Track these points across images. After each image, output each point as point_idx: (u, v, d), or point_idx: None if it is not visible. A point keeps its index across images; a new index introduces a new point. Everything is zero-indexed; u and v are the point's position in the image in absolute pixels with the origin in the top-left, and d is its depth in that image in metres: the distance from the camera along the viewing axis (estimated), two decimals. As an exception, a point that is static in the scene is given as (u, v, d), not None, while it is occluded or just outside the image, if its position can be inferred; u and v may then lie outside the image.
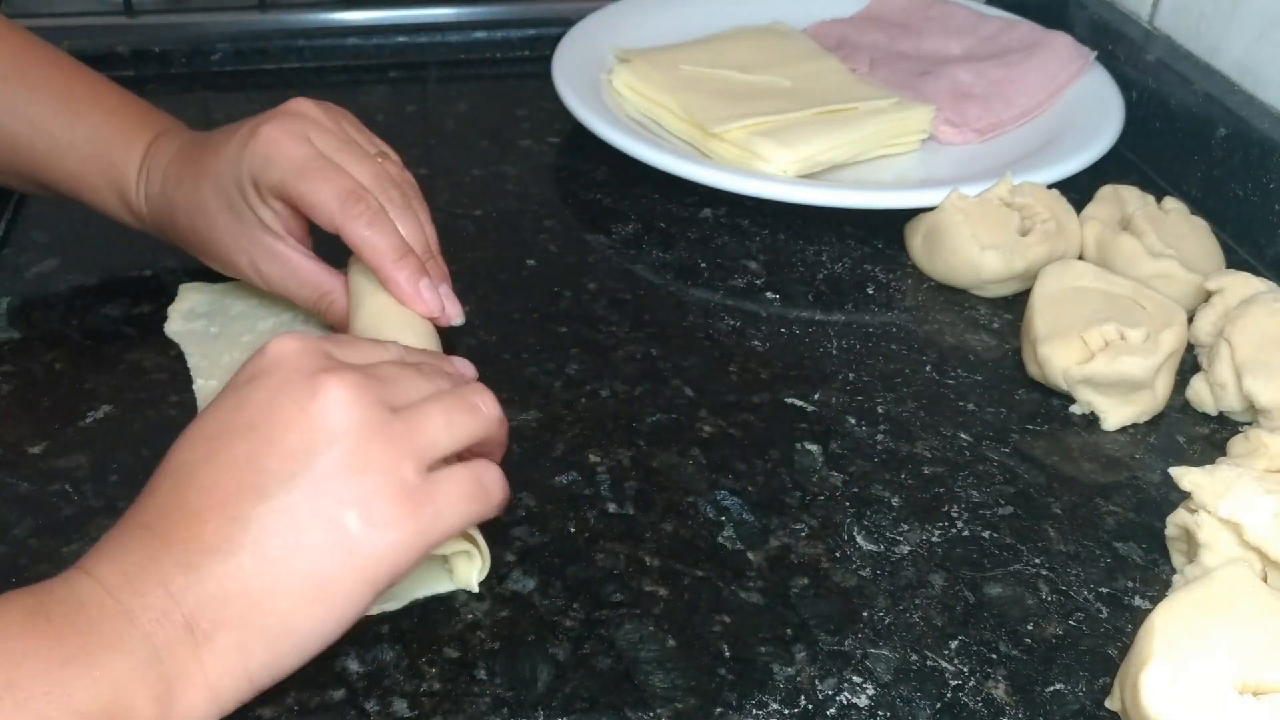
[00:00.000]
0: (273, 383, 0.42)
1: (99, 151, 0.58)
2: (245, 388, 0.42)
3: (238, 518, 0.39)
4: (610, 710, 0.44)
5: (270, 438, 0.40)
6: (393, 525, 0.41)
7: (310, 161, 0.53)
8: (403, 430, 0.42)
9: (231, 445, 0.41)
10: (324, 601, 0.40)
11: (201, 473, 0.40)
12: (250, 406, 0.41)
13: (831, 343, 0.65)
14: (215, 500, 0.40)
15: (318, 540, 0.40)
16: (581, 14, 0.92)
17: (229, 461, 0.40)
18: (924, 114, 0.81)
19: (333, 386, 0.41)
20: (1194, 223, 0.70)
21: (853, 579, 0.50)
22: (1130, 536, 0.53)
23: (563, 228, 0.74)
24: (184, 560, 0.39)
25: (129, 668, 0.37)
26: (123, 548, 0.40)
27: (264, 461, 0.40)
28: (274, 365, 0.42)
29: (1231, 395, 0.59)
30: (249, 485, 0.40)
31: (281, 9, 0.96)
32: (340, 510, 0.40)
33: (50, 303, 0.65)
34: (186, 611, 0.38)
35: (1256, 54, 0.77)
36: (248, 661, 0.39)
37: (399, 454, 0.41)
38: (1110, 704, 0.45)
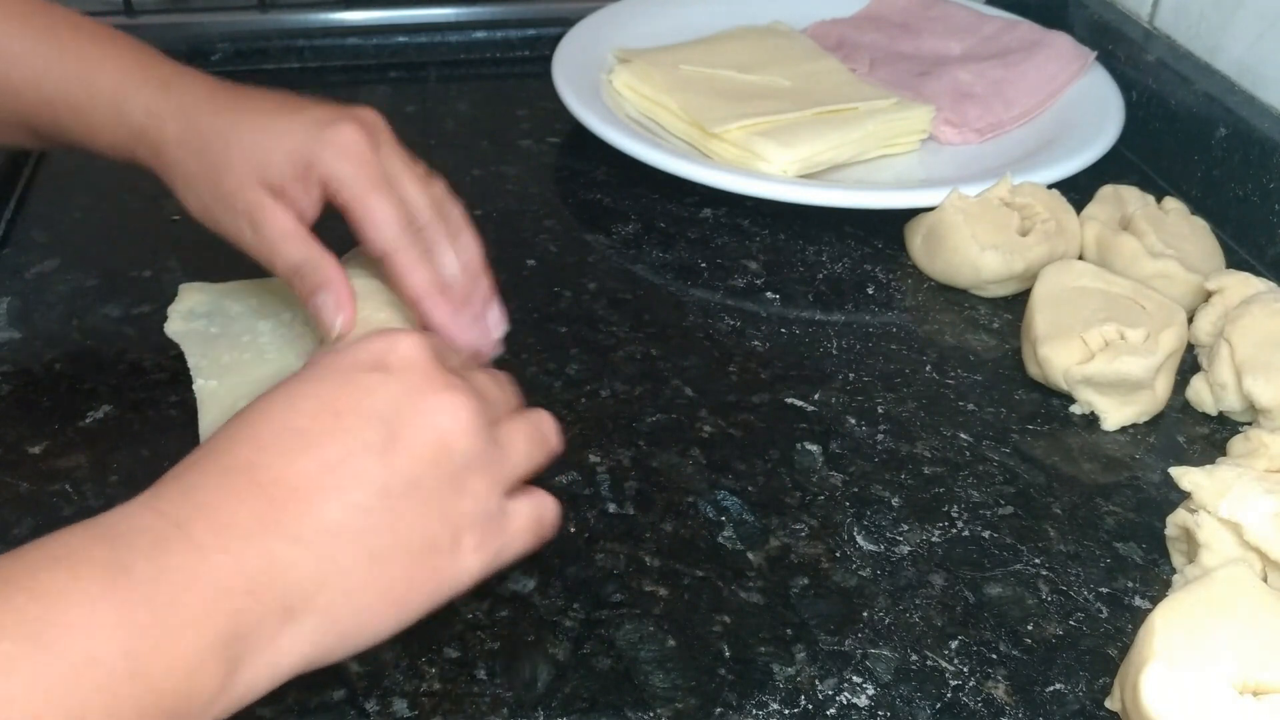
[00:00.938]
0: (402, 380, 0.41)
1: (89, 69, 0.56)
2: (372, 375, 0.42)
3: (360, 506, 0.39)
4: (610, 710, 0.44)
5: (399, 436, 0.40)
6: (472, 552, 0.41)
7: (380, 179, 0.53)
8: (498, 459, 0.43)
9: (361, 428, 0.40)
10: (400, 607, 0.40)
11: (325, 448, 0.39)
12: (380, 396, 0.41)
13: (831, 343, 0.65)
14: (339, 479, 0.39)
15: (415, 549, 0.40)
16: (581, 14, 0.92)
17: (357, 446, 0.39)
18: (924, 114, 0.81)
19: (459, 406, 0.41)
20: (1194, 223, 0.70)
21: (853, 579, 0.50)
22: (1130, 536, 0.53)
23: (563, 228, 0.74)
24: (295, 534, 0.38)
25: (211, 643, 0.35)
26: (219, 495, 0.38)
27: (391, 458, 0.40)
28: (401, 362, 0.42)
29: (1231, 395, 0.59)
30: (375, 476, 0.39)
31: (281, 9, 0.96)
32: (440, 528, 0.40)
33: (50, 303, 0.65)
34: (286, 589, 0.37)
35: (1256, 54, 0.77)
36: (318, 646, 0.38)
37: (493, 483, 0.42)
38: (1110, 704, 0.45)
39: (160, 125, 0.55)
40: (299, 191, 0.54)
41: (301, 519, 0.38)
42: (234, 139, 0.54)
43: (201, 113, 0.55)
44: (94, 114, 0.56)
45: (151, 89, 0.56)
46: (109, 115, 0.56)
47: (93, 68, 0.56)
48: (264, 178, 0.53)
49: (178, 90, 0.56)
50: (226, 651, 0.36)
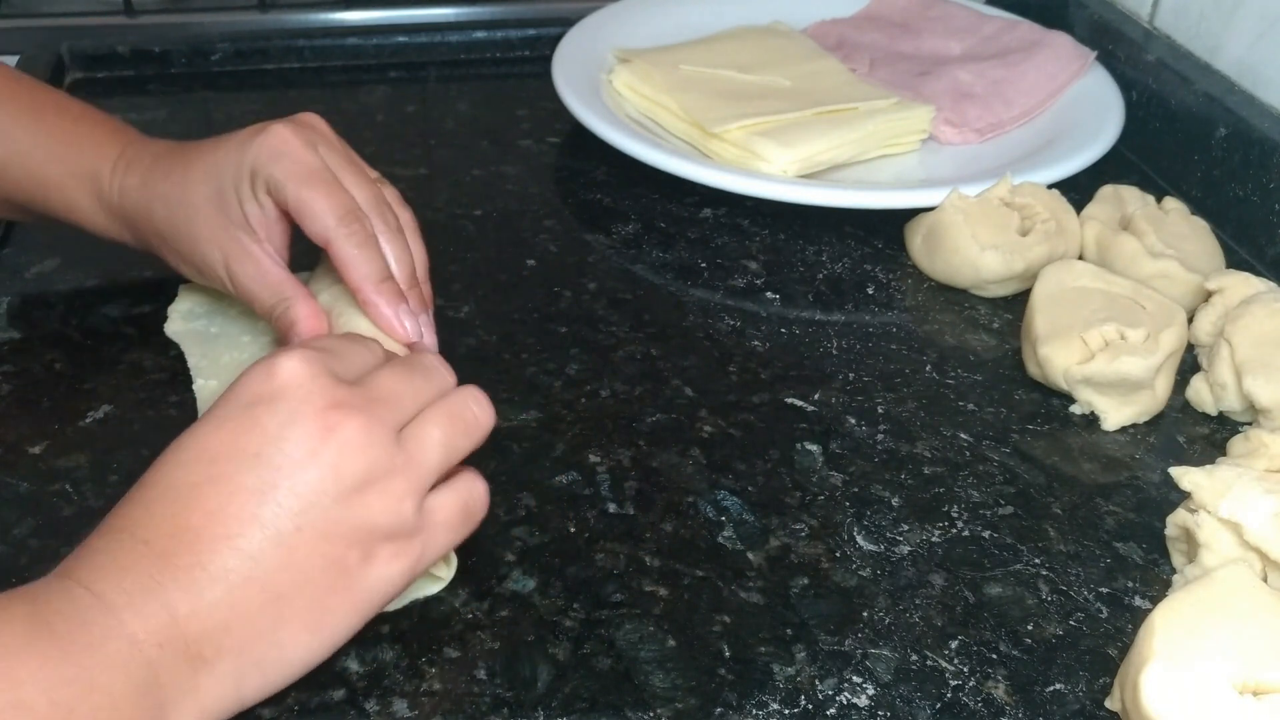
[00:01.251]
0: (282, 413, 0.41)
1: (68, 149, 0.58)
2: (253, 410, 0.42)
3: (245, 551, 0.39)
4: (610, 710, 0.44)
5: (280, 471, 0.40)
6: (390, 561, 0.42)
7: (317, 172, 0.53)
8: (405, 466, 0.43)
9: (239, 473, 0.40)
10: (321, 631, 0.41)
11: (206, 495, 0.40)
12: (257, 434, 0.41)
13: (831, 343, 0.65)
14: (222, 528, 0.40)
15: (320, 576, 0.41)
16: (581, 14, 0.92)
17: (237, 490, 0.40)
18: (924, 114, 0.81)
19: (345, 425, 0.41)
20: (1194, 223, 0.70)
21: (853, 579, 0.50)
22: (1130, 536, 0.53)
23: (563, 228, 0.74)
24: (190, 587, 0.39)
25: (128, 689, 0.37)
26: (120, 563, 0.39)
27: (273, 495, 0.40)
28: (282, 392, 0.42)
29: (1231, 395, 0.59)
30: (257, 517, 0.40)
31: (281, 9, 0.96)
32: (345, 550, 0.41)
33: (50, 303, 0.65)
34: (190, 638, 0.38)
35: (1256, 54, 0.77)
36: (241, 686, 0.40)
37: (402, 492, 0.42)
38: (1110, 704, 0.45)
39: (132, 204, 0.57)
40: (256, 212, 0.54)
41: (192, 572, 0.39)
42: (190, 189, 0.55)
43: (157, 180, 0.56)
44: (76, 198, 0.58)
45: (122, 168, 0.57)
46: (89, 199, 0.58)
47: (71, 149, 0.58)
48: (228, 215, 0.55)
49: (138, 164, 0.57)
50: (147, 700, 0.37)
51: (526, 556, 0.50)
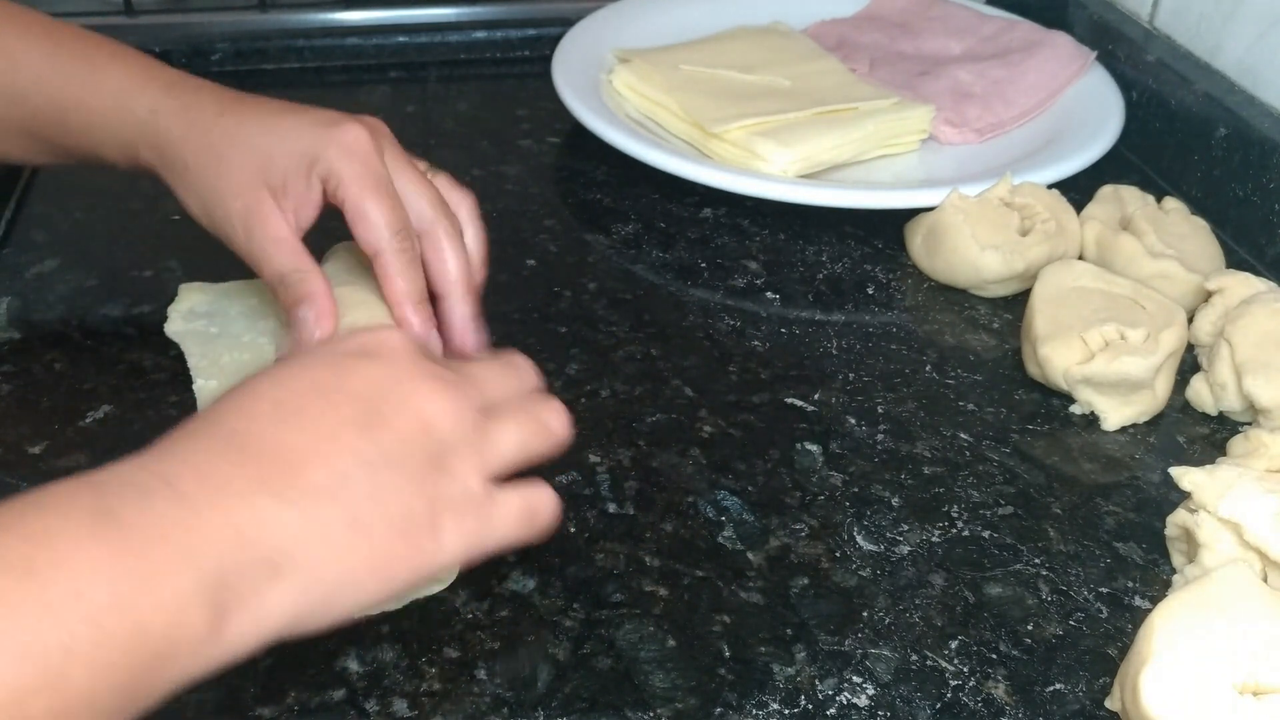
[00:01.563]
0: (385, 366, 0.43)
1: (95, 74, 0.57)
2: (356, 359, 0.43)
3: (343, 473, 0.40)
4: (610, 710, 0.44)
5: (381, 414, 0.41)
6: (448, 534, 0.42)
7: (382, 182, 0.53)
8: (482, 445, 0.43)
9: (344, 404, 0.41)
10: (382, 577, 0.41)
11: (309, 416, 0.40)
12: (362, 378, 0.42)
13: (831, 343, 0.65)
14: (323, 448, 0.40)
15: (396, 519, 0.40)
16: (581, 14, 0.92)
17: (341, 419, 0.41)
18: (924, 114, 0.81)
19: (441, 390, 0.43)
20: (1194, 223, 0.70)
21: (853, 579, 0.50)
22: (1130, 536, 0.53)
23: (563, 228, 0.74)
24: (280, 493, 0.38)
25: (197, 587, 0.36)
26: (208, 458, 0.39)
27: (371, 432, 0.41)
28: (387, 351, 0.43)
29: (1231, 395, 0.59)
30: (357, 449, 0.40)
31: (281, 9, 0.96)
32: (419, 504, 0.41)
33: (50, 303, 0.65)
34: (271, 544, 0.38)
35: (1256, 54, 0.77)
36: (302, 606, 0.39)
37: (475, 466, 0.43)
38: (1110, 704, 0.45)
39: (165, 124, 0.56)
40: (300, 189, 0.54)
41: (286, 480, 0.39)
42: (239, 138, 0.54)
43: (206, 113, 0.55)
44: (98, 113, 0.56)
45: (156, 89, 0.56)
46: (113, 114, 0.56)
47: (97, 69, 0.57)
48: (266, 177, 0.54)
49: (182, 90, 0.56)
50: (213, 597, 0.36)
51: (526, 556, 0.50)
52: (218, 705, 0.43)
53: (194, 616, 0.35)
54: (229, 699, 0.44)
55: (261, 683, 0.44)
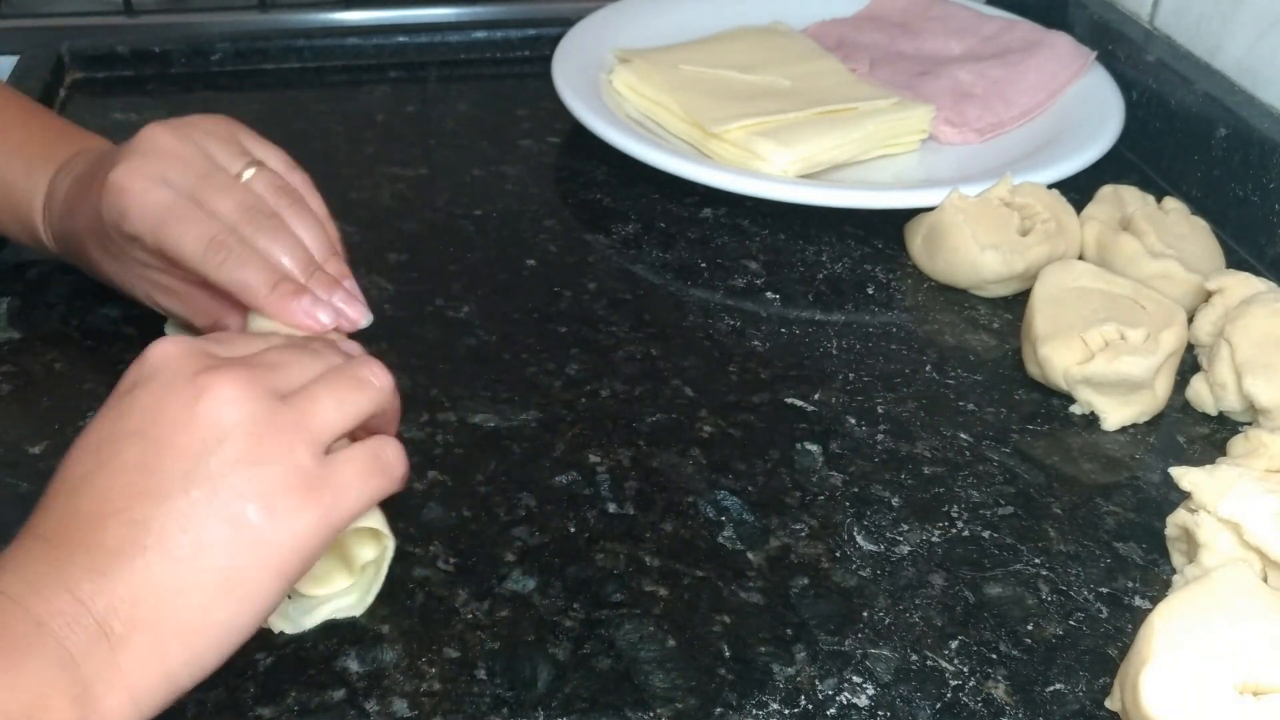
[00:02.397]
0: (155, 388, 0.41)
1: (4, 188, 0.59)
2: (128, 396, 0.42)
3: (138, 521, 0.39)
4: (610, 710, 0.44)
5: (159, 441, 0.40)
6: (295, 513, 0.40)
7: (167, 210, 0.51)
8: (293, 417, 0.42)
9: (120, 453, 0.40)
10: (236, 595, 0.39)
11: (93, 483, 0.40)
12: (135, 413, 0.41)
13: (831, 343, 0.65)
14: (112, 506, 0.39)
15: (221, 535, 0.39)
16: (581, 14, 0.92)
17: (120, 469, 0.40)
18: (924, 114, 0.81)
19: (217, 383, 0.41)
20: (1194, 223, 0.70)
21: (853, 579, 0.50)
22: (1130, 536, 0.53)
23: (563, 228, 0.74)
24: (89, 565, 0.38)
25: (44, 668, 0.36)
26: (21, 560, 0.39)
27: (156, 464, 0.40)
28: (155, 371, 0.42)
29: (1231, 395, 0.59)
30: (144, 489, 0.39)
31: (281, 9, 0.96)
32: (241, 504, 0.40)
33: (50, 303, 0.65)
34: (98, 615, 0.37)
35: (1256, 54, 0.77)
36: (166, 661, 0.38)
37: (292, 442, 0.41)
38: (1110, 704, 0.45)
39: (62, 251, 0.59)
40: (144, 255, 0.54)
41: (89, 551, 0.38)
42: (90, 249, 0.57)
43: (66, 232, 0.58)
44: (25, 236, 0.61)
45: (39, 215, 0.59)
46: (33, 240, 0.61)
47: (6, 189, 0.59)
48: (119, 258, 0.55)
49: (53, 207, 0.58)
50: (68, 677, 0.36)
51: (526, 556, 0.50)
52: (218, 705, 0.43)
53: (54, 696, 0.36)
54: (229, 699, 0.44)
55: (261, 683, 0.44)
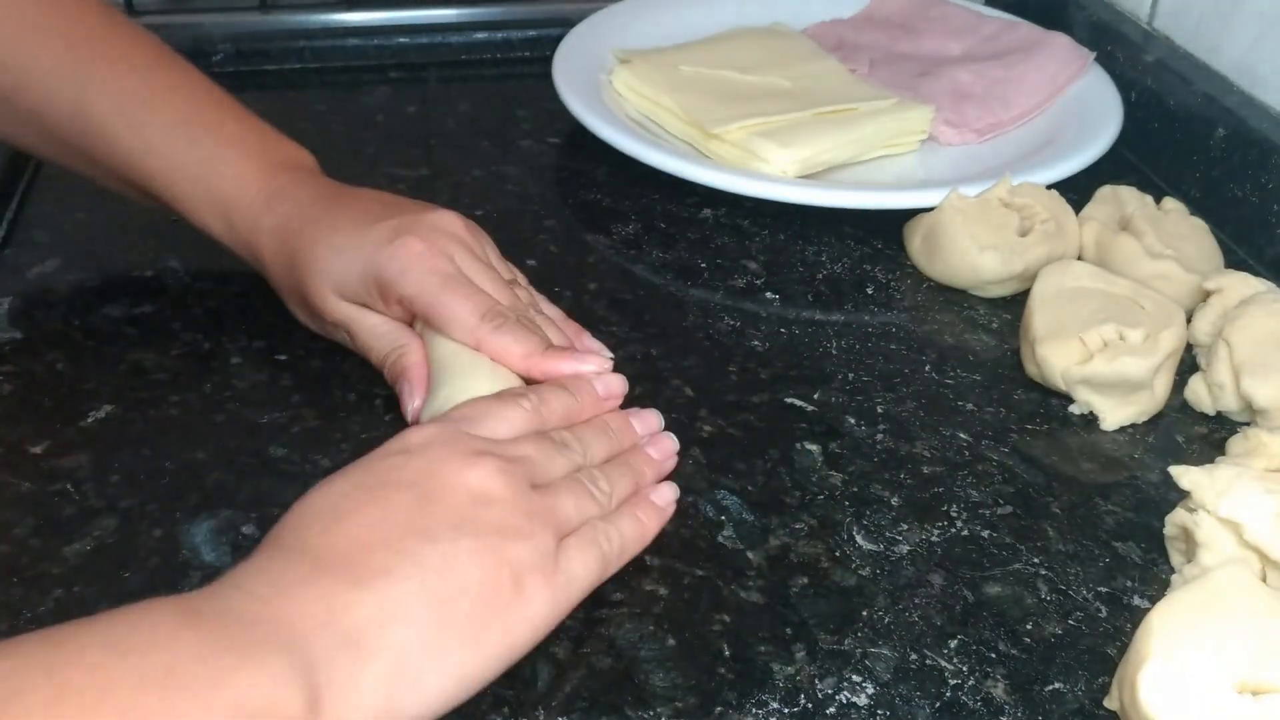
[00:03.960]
0: (429, 456, 0.44)
1: (212, 179, 0.58)
2: (397, 457, 0.44)
3: (405, 551, 0.40)
4: (610, 709, 0.44)
5: (431, 495, 0.42)
6: (537, 591, 0.42)
7: (450, 278, 0.54)
8: (542, 505, 0.44)
9: (393, 496, 0.42)
10: (479, 649, 0.40)
11: (365, 513, 0.41)
12: (408, 470, 0.43)
13: (831, 343, 0.65)
14: (382, 535, 0.40)
15: (478, 589, 0.41)
16: (582, 15, 0.92)
17: (393, 507, 0.41)
18: (923, 114, 0.81)
19: (485, 461, 0.44)
20: (1193, 223, 0.70)
21: (852, 578, 0.50)
22: (1129, 536, 0.53)
23: (563, 228, 0.74)
24: (350, 579, 0.39)
25: (287, 668, 0.36)
26: (276, 568, 0.39)
27: (430, 509, 0.41)
28: (424, 444, 0.44)
29: (1230, 395, 0.59)
30: (416, 528, 0.41)
31: (282, 10, 0.96)
32: (499, 568, 0.41)
33: (52, 303, 0.65)
34: (349, 626, 0.38)
35: (1255, 54, 0.77)
36: (398, 692, 0.38)
37: (544, 526, 0.43)
38: (1109, 703, 0.45)
39: (260, 243, 0.58)
40: (379, 305, 0.56)
41: (352, 569, 0.39)
42: (313, 261, 0.56)
43: (290, 234, 0.57)
44: (212, 222, 0.59)
45: (258, 208, 0.58)
46: (224, 228, 0.59)
47: (214, 177, 0.58)
48: (348, 297, 0.56)
49: (276, 207, 0.58)
50: (305, 679, 0.36)
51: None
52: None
53: (289, 695, 0.35)
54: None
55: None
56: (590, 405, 0.52)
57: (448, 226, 0.56)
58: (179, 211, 0.60)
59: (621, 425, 0.53)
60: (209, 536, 0.50)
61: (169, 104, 0.59)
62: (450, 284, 0.54)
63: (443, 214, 0.57)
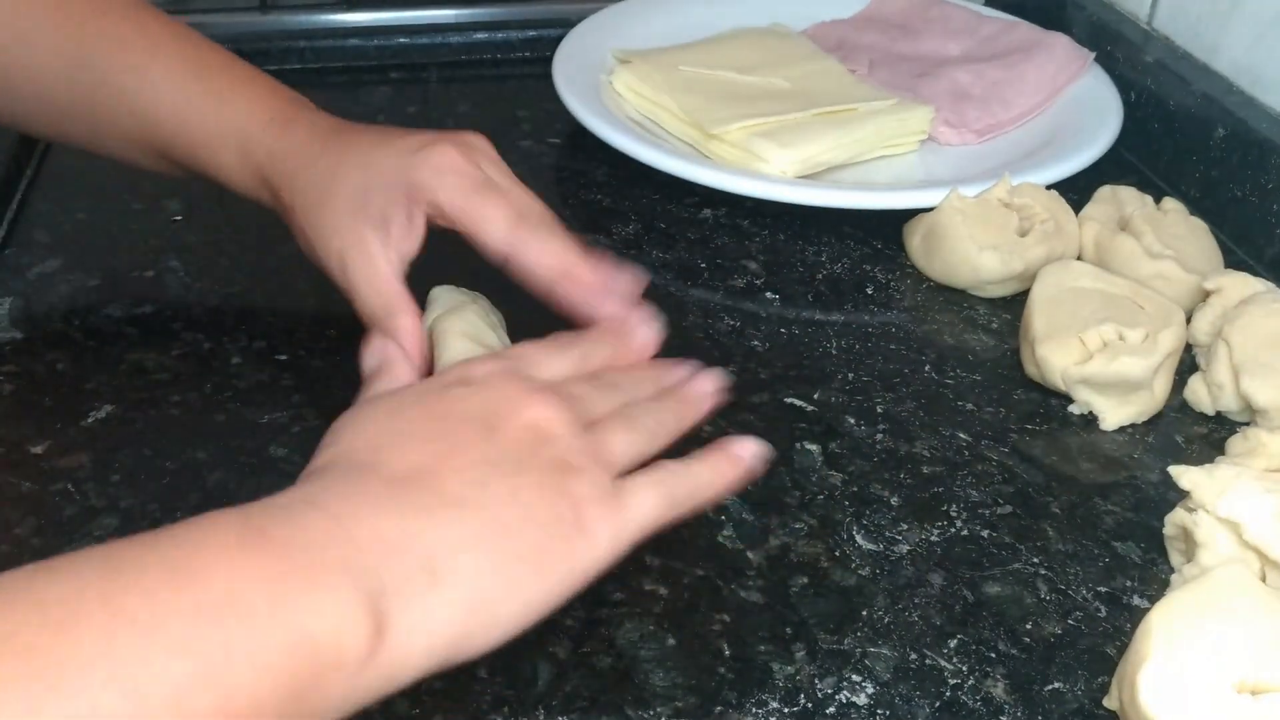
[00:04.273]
0: (486, 390, 0.44)
1: (223, 106, 0.57)
2: (456, 389, 0.44)
3: (479, 481, 0.40)
4: (610, 709, 0.44)
5: (494, 428, 0.42)
6: (597, 523, 0.42)
7: (484, 184, 0.54)
8: (596, 448, 0.44)
9: (457, 428, 0.42)
10: (547, 577, 0.40)
11: (429, 438, 0.41)
12: (470, 403, 0.43)
13: (831, 343, 0.65)
14: (452, 465, 0.40)
15: (544, 518, 0.40)
16: (582, 15, 0.92)
17: (464, 437, 0.41)
18: (923, 115, 0.81)
19: (543, 399, 0.43)
20: (1192, 223, 0.71)
21: (852, 578, 0.50)
22: (1129, 536, 0.53)
23: (563, 228, 0.74)
24: (423, 505, 0.38)
25: (355, 592, 0.35)
26: (345, 481, 0.39)
27: (492, 442, 0.41)
28: (483, 379, 0.44)
29: (1229, 395, 0.59)
30: (485, 459, 0.41)
31: (282, 10, 0.96)
32: (560, 501, 0.41)
33: (52, 303, 0.65)
34: (424, 549, 0.37)
35: (1255, 55, 0.77)
36: (471, 618, 0.38)
37: (598, 467, 0.43)
38: (1108, 703, 0.45)
39: (278, 167, 0.57)
40: (401, 221, 0.54)
41: (425, 495, 0.39)
42: (338, 175, 0.55)
43: (312, 154, 0.56)
44: (223, 154, 0.58)
45: (274, 131, 0.57)
46: (236, 157, 0.57)
47: (225, 103, 0.57)
48: (365, 214, 0.54)
49: (295, 129, 0.57)
50: (373, 605, 0.35)
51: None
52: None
53: (356, 623, 0.35)
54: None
55: (263, 681, 0.44)
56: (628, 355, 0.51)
57: (478, 143, 0.56)
58: (185, 152, 0.58)
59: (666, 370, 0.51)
60: (209, 536, 0.50)
61: (173, 49, 0.58)
62: (484, 189, 0.54)
63: (473, 134, 0.57)
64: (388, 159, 0.55)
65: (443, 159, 0.54)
